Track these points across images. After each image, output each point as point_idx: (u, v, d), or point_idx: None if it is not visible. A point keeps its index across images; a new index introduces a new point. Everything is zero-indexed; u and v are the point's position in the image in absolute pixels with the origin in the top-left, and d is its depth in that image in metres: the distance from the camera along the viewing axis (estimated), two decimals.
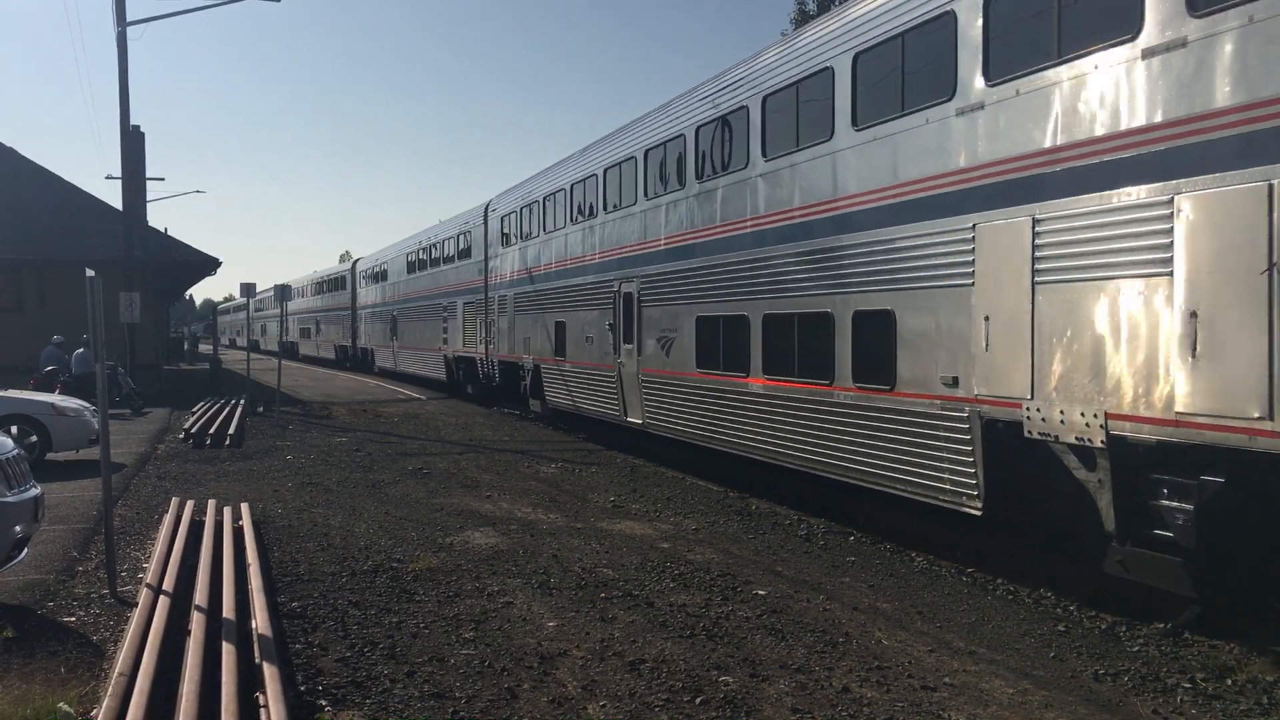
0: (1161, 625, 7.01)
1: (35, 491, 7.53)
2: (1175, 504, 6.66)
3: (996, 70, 8.09)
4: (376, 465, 14.62)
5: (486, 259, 23.96)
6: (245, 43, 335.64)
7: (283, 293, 27.22)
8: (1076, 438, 7.32)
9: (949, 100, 8.53)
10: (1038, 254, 7.57)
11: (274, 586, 7.67)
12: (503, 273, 22.65)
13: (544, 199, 19.65)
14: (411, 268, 32.71)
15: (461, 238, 26.53)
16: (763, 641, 6.56)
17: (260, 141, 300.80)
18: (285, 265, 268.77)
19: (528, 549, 9.14)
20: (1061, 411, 7.44)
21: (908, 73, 9.11)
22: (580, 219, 17.55)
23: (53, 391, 18.52)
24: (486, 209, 24.14)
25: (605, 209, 16.36)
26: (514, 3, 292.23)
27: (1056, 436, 7.51)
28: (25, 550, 7.56)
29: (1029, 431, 7.73)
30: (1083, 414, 7.23)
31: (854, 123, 9.87)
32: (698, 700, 5.52)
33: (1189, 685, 5.92)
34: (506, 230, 22.47)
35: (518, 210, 21.57)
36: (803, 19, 38.16)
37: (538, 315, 19.93)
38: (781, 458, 11.45)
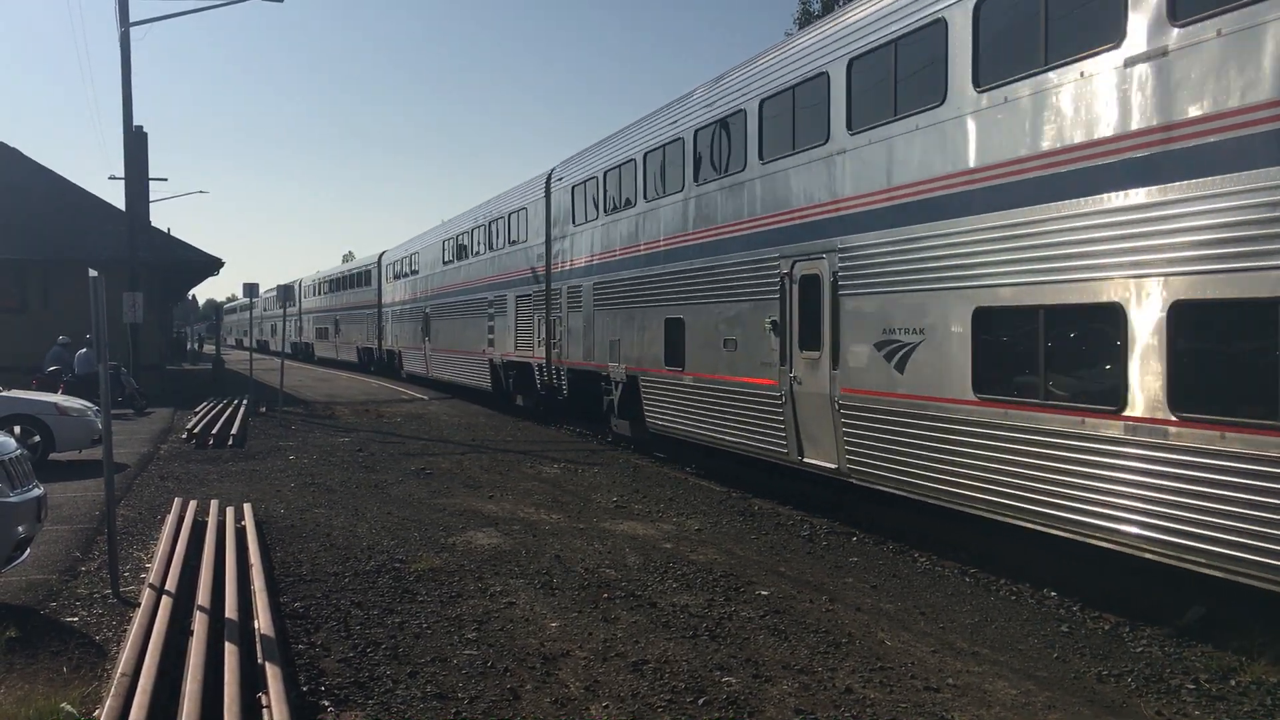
0: (1164, 626, 7.00)
1: (38, 492, 7.54)
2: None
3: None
4: (379, 465, 14.63)
5: (549, 241, 19.50)
6: (248, 43, 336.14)
7: (286, 293, 27.17)
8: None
9: None
10: None
11: (276, 587, 7.67)
12: (574, 258, 18.16)
13: (644, 156, 15.09)
14: (448, 257, 28.41)
15: (514, 218, 22.17)
16: (765, 642, 6.56)
17: (263, 142, 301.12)
18: (288, 265, 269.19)
19: (530, 549, 9.14)
20: None
21: None
22: (713, 176, 12.94)
23: (56, 391, 18.55)
24: (549, 180, 19.77)
25: (762, 156, 11.70)
26: (515, 4, 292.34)
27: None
28: (28, 550, 7.57)
29: None
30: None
31: None
32: (700, 701, 5.51)
33: (1193, 686, 5.90)
34: (579, 203, 18.00)
35: (598, 176, 16.98)
36: (807, 19, 38.08)
37: (634, 311, 15.41)
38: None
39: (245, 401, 22.99)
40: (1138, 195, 6.92)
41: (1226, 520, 6.32)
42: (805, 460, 10.88)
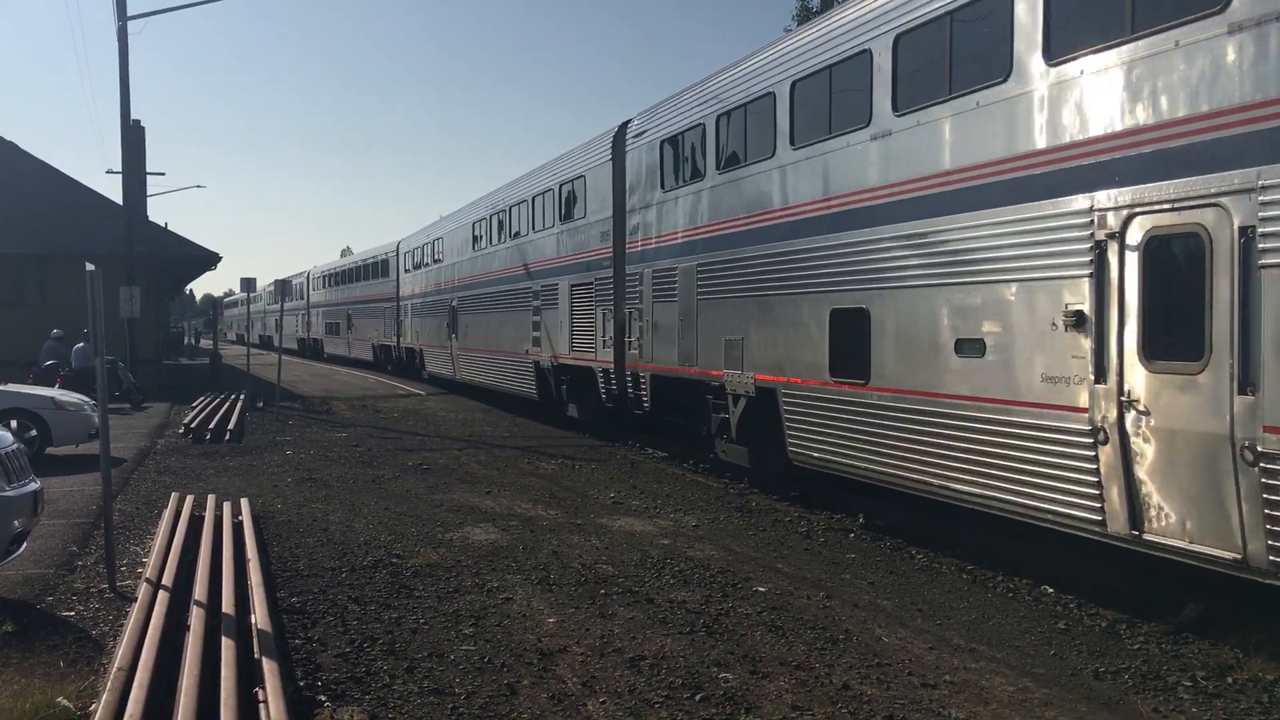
0: (1162, 623, 7.00)
1: (34, 486, 7.52)
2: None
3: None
4: (376, 461, 14.61)
5: (623, 214, 15.58)
6: (246, 38, 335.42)
7: (283, 288, 27.15)
8: None
9: None
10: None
11: (274, 582, 7.67)
12: (662, 233, 14.15)
13: (791, 87, 10.94)
14: (481, 242, 24.08)
15: (567, 190, 18.13)
16: (763, 638, 6.56)
17: (260, 137, 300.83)
18: (285, 260, 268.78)
19: (527, 545, 9.14)
20: None
21: None
22: (932, 98, 8.83)
23: (53, 386, 18.52)
24: (619, 137, 15.77)
25: (1049, 54, 7.65)
26: (514, 3, 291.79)
27: None
28: (24, 545, 7.55)
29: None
30: None
31: None
32: (698, 697, 5.51)
33: (1189, 683, 5.91)
34: (671, 163, 14.02)
35: (706, 123, 12.80)
36: (805, 15, 38.02)
37: (771, 300, 11.36)
38: None
39: (243, 396, 22.97)
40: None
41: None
42: (1147, 538, 6.83)
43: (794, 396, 11.00)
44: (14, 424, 13.47)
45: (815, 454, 10.71)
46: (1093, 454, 7.20)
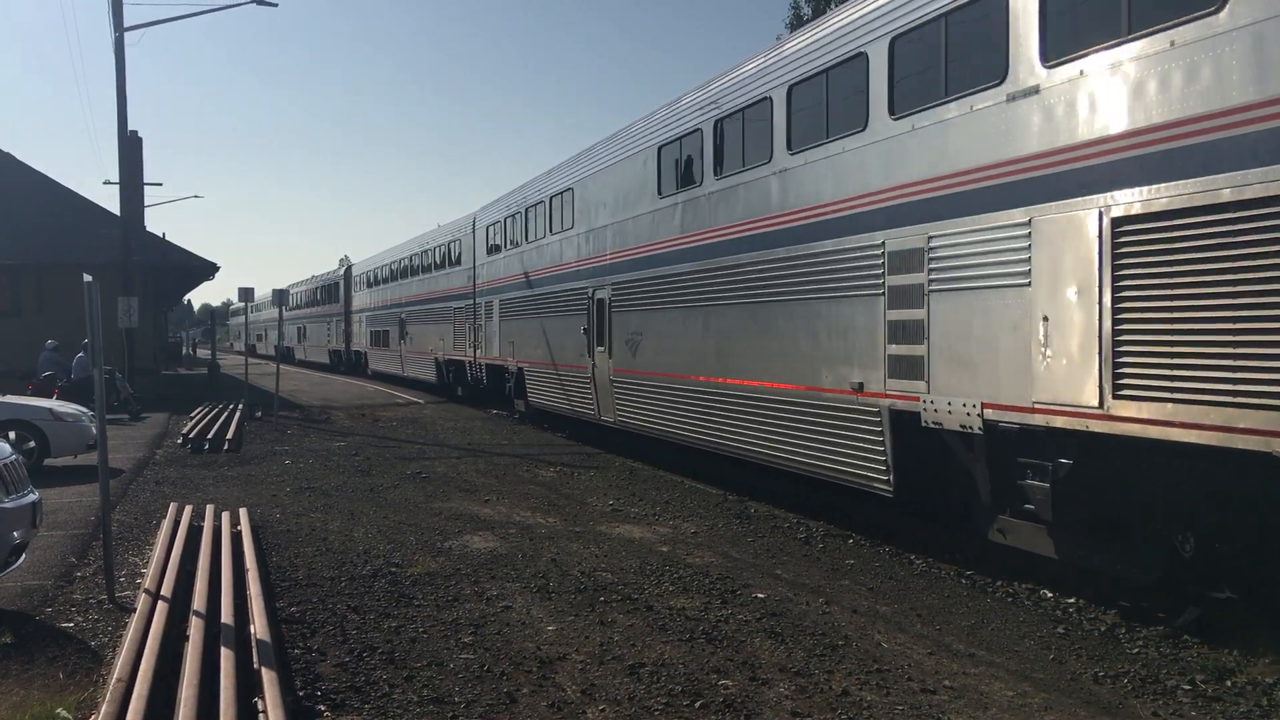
0: (1161, 627, 7.01)
1: (33, 497, 7.52)
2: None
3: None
4: (375, 470, 14.61)
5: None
6: (243, 48, 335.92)
7: (281, 297, 26.99)
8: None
9: None
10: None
11: (272, 591, 7.66)
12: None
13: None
14: (663, 190, 14.12)
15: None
16: (762, 645, 6.56)
17: (258, 147, 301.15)
18: (283, 270, 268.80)
19: (526, 553, 9.13)
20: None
21: None
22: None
23: (50, 396, 18.51)
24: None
25: None
26: (510, 7, 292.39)
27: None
28: (23, 556, 7.55)
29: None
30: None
31: None
32: (697, 704, 5.51)
33: (1189, 687, 5.91)
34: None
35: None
36: (798, 22, 38.15)
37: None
38: None
39: (241, 406, 22.95)
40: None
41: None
42: None
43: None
44: (12, 435, 13.48)
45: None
46: None
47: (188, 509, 10.49)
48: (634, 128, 15.15)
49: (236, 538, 9.15)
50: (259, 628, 6.24)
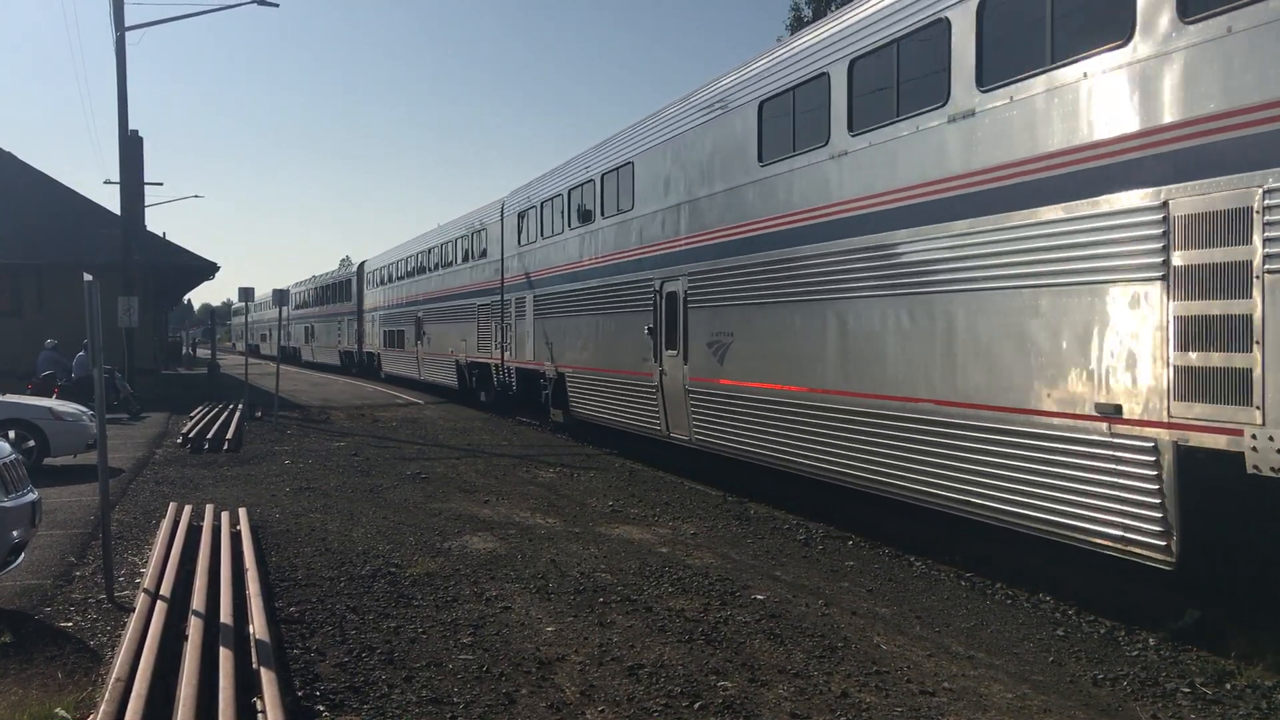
0: (1161, 630, 7.01)
1: (32, 496, 7.52)
2: None
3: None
4: (374, 470, 14.60)
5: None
6: (244, 48, 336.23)
7: (282, 297, 26.95)
8: None
9: None
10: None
11: (272, 591, 7.66)
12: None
13: None
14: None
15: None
16: (761, 646, 6.55)
17: (259, 147, 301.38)
18: (284, 270, 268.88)
19: (526, 554, 9.13)
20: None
21: None
22: None
23: (50, 396, 18.51)
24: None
25: None
26: (512, 7, 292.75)
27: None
28: (22, 555, 7.54)
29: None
30: None
31: None
32: (696, 705, 5.50)
33: (1188, 690, 5.91)
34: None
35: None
36: (798, 24, 38.16)
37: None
38: None
39: (241, 406, 22.93)
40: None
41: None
42: None
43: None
44: (12, 434, 13.48)
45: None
46: None
47: (187, 508, 10.49)
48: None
49: (236, 537, 9.14)
50: (258, 627, 6.24)
